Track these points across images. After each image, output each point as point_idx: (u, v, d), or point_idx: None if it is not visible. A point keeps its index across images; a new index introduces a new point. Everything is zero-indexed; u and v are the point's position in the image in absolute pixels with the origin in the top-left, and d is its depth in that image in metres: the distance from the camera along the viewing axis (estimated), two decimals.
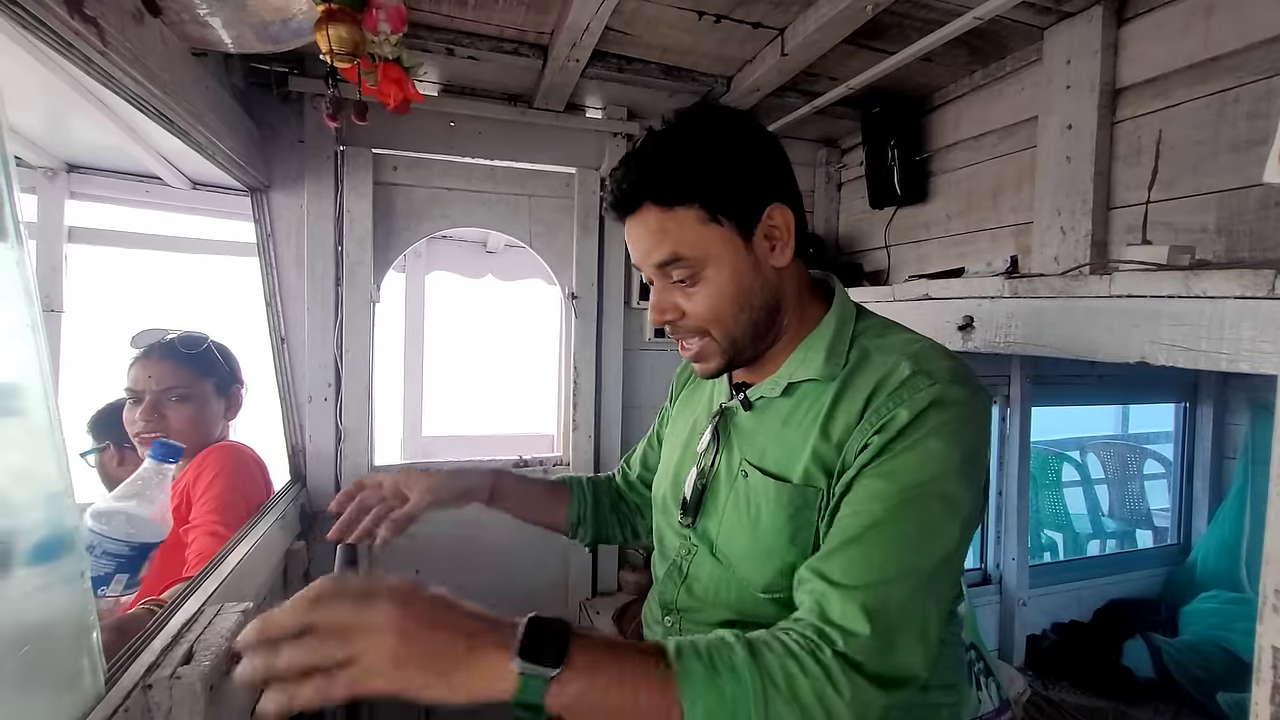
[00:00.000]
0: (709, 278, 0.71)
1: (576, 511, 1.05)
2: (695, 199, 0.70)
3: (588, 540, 1.07)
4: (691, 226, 0.70)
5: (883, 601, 0.60)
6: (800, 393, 0.75)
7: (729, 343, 0.74)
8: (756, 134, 0.75)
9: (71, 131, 1.58)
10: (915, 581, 0.62)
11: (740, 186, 0.71)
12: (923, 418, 0.64)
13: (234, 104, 1.38)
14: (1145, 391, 2.51)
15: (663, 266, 0.72)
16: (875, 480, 0.65)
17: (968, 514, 0.65)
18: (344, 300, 1.71)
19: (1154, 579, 2.35)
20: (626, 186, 0.72)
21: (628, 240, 0.76)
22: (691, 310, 0.73)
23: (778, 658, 0.57)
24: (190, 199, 1.92)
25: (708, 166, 0.70)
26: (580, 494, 1.06)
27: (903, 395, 0.66)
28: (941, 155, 1.81)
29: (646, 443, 1.11)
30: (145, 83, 0.89)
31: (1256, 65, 1.08)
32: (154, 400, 1.29)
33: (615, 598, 2.01)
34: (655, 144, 0.73)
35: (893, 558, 0.62)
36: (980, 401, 0.68)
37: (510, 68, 1.64)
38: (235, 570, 1.06)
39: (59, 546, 0.62)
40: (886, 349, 0.72)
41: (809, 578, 0.64)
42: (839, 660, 0.57)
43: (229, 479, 1.25)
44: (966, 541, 0.68)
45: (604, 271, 1.98)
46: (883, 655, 0.58)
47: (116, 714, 0.66)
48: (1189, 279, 0.78)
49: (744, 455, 0.78)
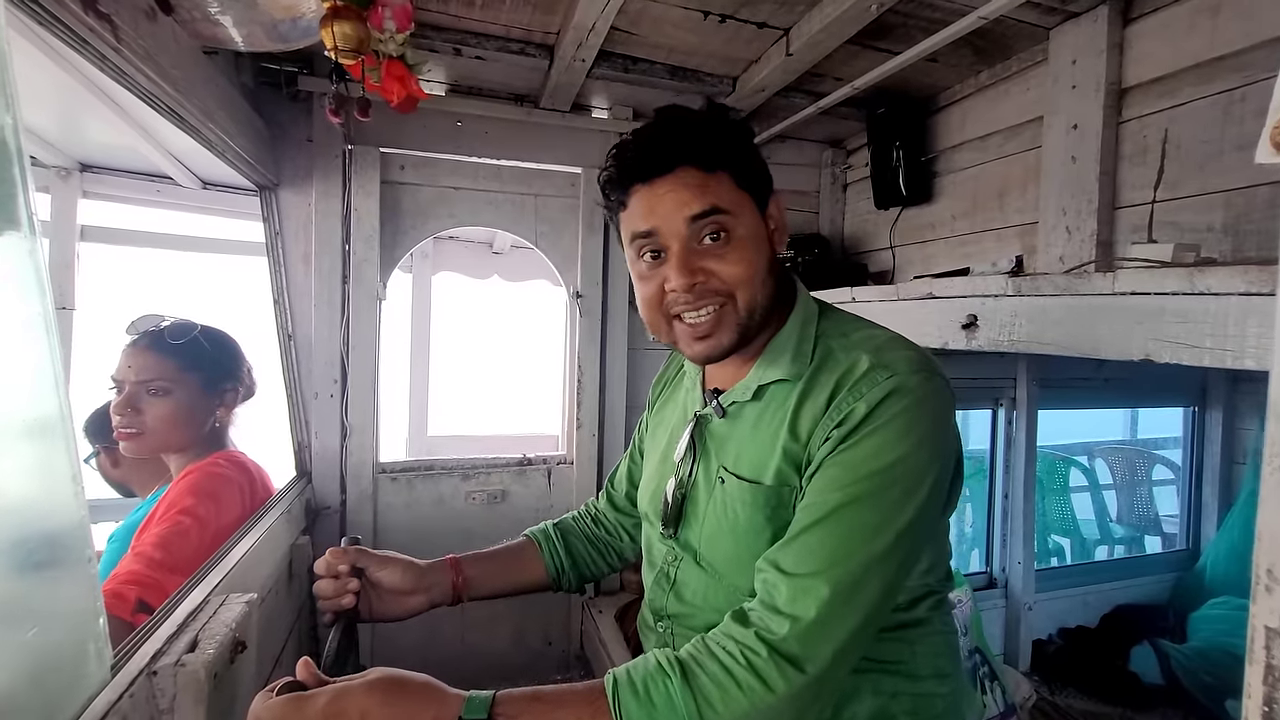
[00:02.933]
0: (741, 237, 0.72)
1: (552, 564, 1.00)
2: (730, 167, 0.72)
3: (574, 587, 1.03)
4: (729, 188, 0.72)
5: (828, 585, 0.61)
6: (769, 395, 0.76)
7: (748, 312, 0.73)
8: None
9: (85, 131, 1.61)
10: (866, 568, 0.62)
11: (759, 167, 0.75)
12: (880, 408, 0.65)
13: (244, 102, 1.40)
14: (1153, 395, 2.49)
15: (699, 219, 0.70)
16: (832, 469, 0.66)
17: (926, 497, 0.65)
18: (351, 298, 1.72)
19: (1162, 584, 2.33)
20: (663, 148, 0.72)
21: (645, 205, 0.72)
22: (721, 271, 0.71)
23: (711, 678, 0.59)
24: (201, 198, 1.94)
25: (738, 141, 0.74)
26: (550, 545, 1.01)
27: (862, 389, 0.67)
28: (947, 156, 1.81)
29: (629, 459, 1.07)
30: (157, 79, 0.91)
31: (1263, 64, 1.08)
32: (131, 393, 1.19)
33: (617, 597, 2.01)
34: (684, 118, 0.74)
35: (845, 544, 0.63)
36: (936, 386, 0.68)
37: (517, 67, 1.65)
38: (241, 562, 1.07)
39: (67, 533, 0.63)
40: (848, 345, 0.73)
41: (764, 568, 0.66)
42: (773, 657, 0.59)
43: (190, 503, 1.12)
44: (928, 524, 0.67)
45: (609, 271, 1.99)
46: (825, 641, 0.60)
47: (122, 699, 0.66)
48: (1193, 275, 0.77)
49: (721, 462, 0.78)
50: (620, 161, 0.74)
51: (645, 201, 0.73)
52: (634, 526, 1.04)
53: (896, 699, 0.72)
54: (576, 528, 1.07)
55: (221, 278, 2.31)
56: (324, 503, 1.71)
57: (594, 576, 1.05)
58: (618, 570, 1.09)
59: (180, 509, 1.11)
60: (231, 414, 1.34)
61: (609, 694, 0.60)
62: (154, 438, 1.21)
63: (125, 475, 1.39)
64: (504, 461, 1.95)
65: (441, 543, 1.87)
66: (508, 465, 1.95)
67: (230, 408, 1.33)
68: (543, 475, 1.98)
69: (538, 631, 1.99)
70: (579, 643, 2.01)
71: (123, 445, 1.21)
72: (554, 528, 1.05)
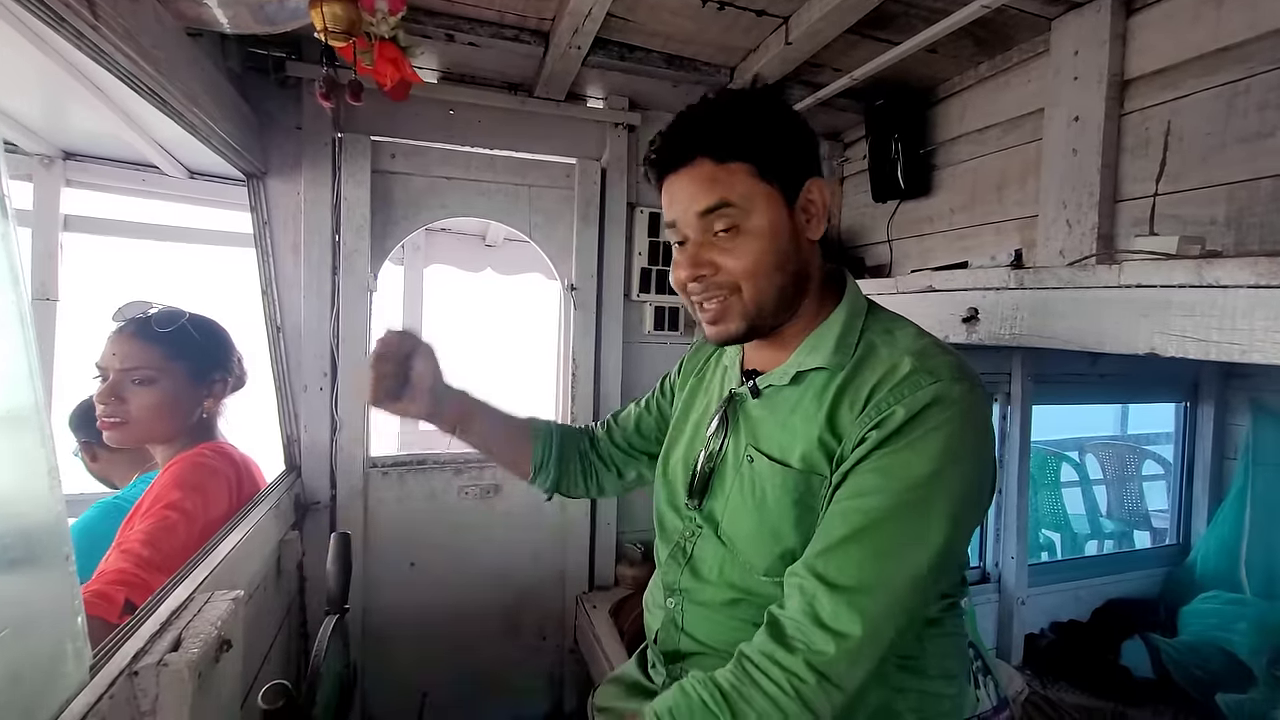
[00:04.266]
0: (751, 231, 0.72)
1: (541, 454, 1.02)
2: (748, 157, 0.71)
3: (546, 488, 1.05)
4: (743, 180, 0.71)
5: (875, 604, 0.61)
6: (808, 382, 0.76)
7: (755, 305, 0.74)
8: (797, 112, 0.78)
9: (67, 118, 1.56)
10: (910, 582, 0.62)
11: (788, 153, 0.74)
12: (921, 416, 0.65)
13: (230, 87, 1.36)
14: (1146, 390, 2.50)
15: (707, 214, 0.72)
16: (872, 476, 0.65)
17: (967, 512, 0.65)
18: (341, 289, 1.69)
19: (1153, 579, 2.34)
20: (680, 140, 0.73)
21: (668, 196, 0.76)
22: (727, 265, 0.73)
23: (760, 714, 0.59)
24: (187, 188, 1.90)
25: (762, 129, 0.73)
26: (545, 439, 1.03)
27: (903, 392, 0.66)
28: (946, 148, 1.79)
29: (643, 407, 1.08)
30: (138, 59, 0.88)
31: (1268, 55, 1.07)
32: (115, 381, 1.17)
33: (612, 592, 1.99)
34: (709, 104, 0.75)
35: (889, 557, 0.62)
36: (978, 398, 0.69)
37: (511, 55, 1.62)
38: (227, 559, 1.04)
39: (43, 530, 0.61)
40: (892, 344, 0.73)
41: (802, 573, 0.65)
42: (820, 683, 0.59)
43: (176, 496, 1.10)
44: (966, 539, 0.69)
45: (604, 263, 1.97)
46: (865, 655, 0.60)
47: (101, 700, 0.64)
48: (1201, 267, 0.76)
49: (751, 441, 0.79)
50: (652, 151, 0.77)
51: (669, 192, 0.76)
52: (623, 463, 1.06)
53: (903, 695, 0.71)
54: (575, 439, 1.08)
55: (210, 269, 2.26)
56: (313, 497, 1.68)
57: (568, 490, 1.07)
58: (591, 497, 1.12)
59: (166, 503, 1.08)
60: (220, 405, 1.31)
61: None
62: (138, 427, 1.18)
63: (105, 469, 1.36)
64: None
65: (433, 538, 1.85)
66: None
67: (219, 398, 1.30)
68: None
69: (532, 626, 1.98)
70: (573, 637, 2.00)
71: (106, 435, 1.19)
72: (556, 427, 1.07)
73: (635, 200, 2.00)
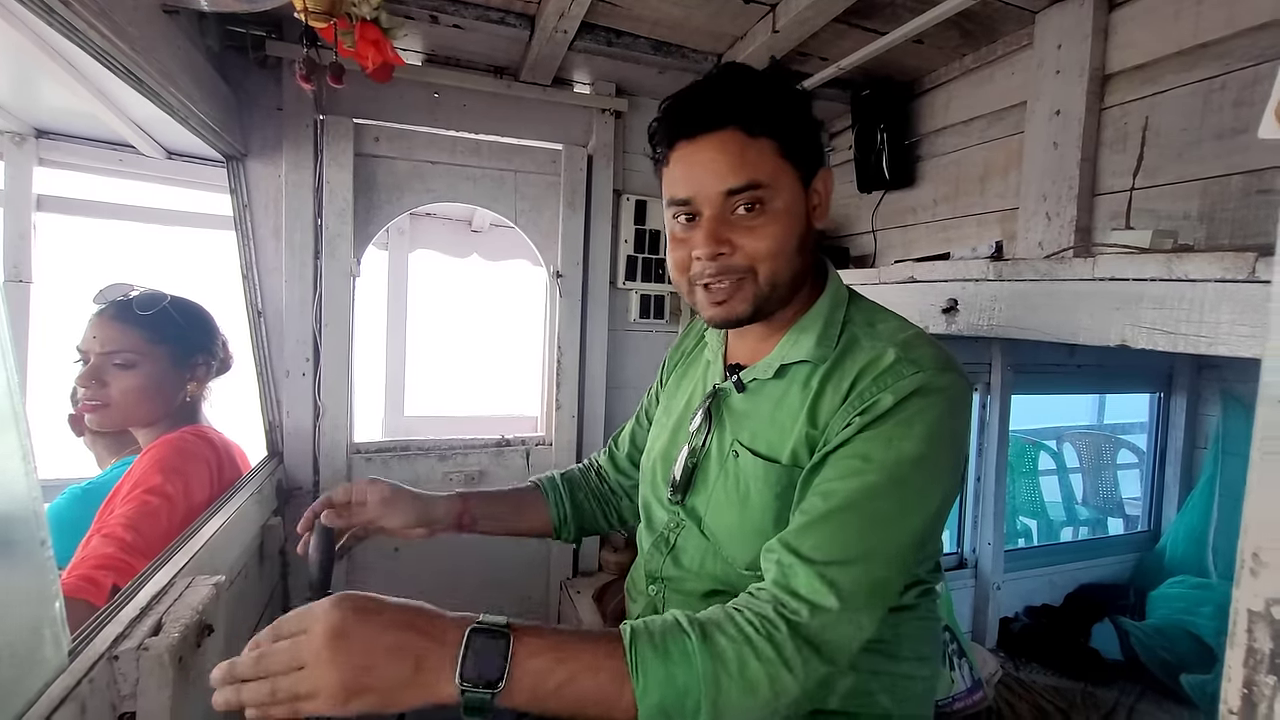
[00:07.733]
0: (774, 211, 0.71)
1: (556, 513, 1.03)
2: (776, 134, 0.70)
3: (573, 538, 1.06)
4: (770, 158, 0.70)
5: (851, 579, 0.61)
6: (791, 375, 0.77)
7: (770, 287, 0.73)
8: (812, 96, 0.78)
9: (39, 95, 1.52)
10: (884, 561, 0.63)
11: (809, 137, 0.74)
12: (906, 403, 0.66)
13: (208, 67, 1.34)
14: (1122, 381, 2.55)
15: (734, 194, 0.70)
16: (853, 459, 0.66)
17: (943, 498, 0.67)
18: (323, 273, 1.67)
19: (1124, 565, 2.40)
20: (709, 104, 0.71)
21: (684, 165, 0.72)
22: (747, 245, 0.71)
23: (731, 641, 0.59)
24: (165, 169, 1.86)
25: (790, 107, 0.72)
26: (556, 494, 1.05)
27: (887, 380, 0.67)
28: (930, 140, 1.80)
29: (635, 421, 1.10)
30: (112, 37, 0.86)
31: (1244, 52, 1.09)
32: (96, 365, 1.16)
33: (596, 578, 2.01)
34: (739, 72, 0.73)
35: (865, 536, 0.63)
36: (962, 389, 0.70)
37: (497, 38, 1.60)
38: (208, 544, 1.04)
39: (17, 514, 0.60)
40: (874, 335, 0.74)
41: (776, 549, 0.65)
42: (794, 638, 0.59)
43: (157, 480, 1.09)
44: (941, 523, 0.70)
45: (590, 251, 1.96)
46: (841, 629, 0.60)
47: (80, 685, 0.64)
48: (1171, 262, 0.78)
49: (735, 436, 0.79)
50: (669, 112, 0.73)
51: (684, 165, 0.72)
52: (633, 488, 1.06)
53: (877, 677, 0.73)
54: (582, 480, 1.09)
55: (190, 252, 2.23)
56: (296, 483, 1.68)
57: (593, 531, 1.08)
58: (616, 529, 1.11)
59: (146, 488, 1.08)
60: (204, 388, 1.31)
61: (626, 643, 0.59)
62: (119, 411, 1.18)
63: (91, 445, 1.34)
64: (482, 442, 1.93)
65: None
66: (485, 446, 1.93)
67: (202, 382, 1.29)
68: (521, 456, 1.97)
69: (514, 612, 1.98)
70: (557, 622, 2.02)
71: (88, 418, 1.18)
72: (561, 478, 1.07)
73: (622, 187, 1.99)
